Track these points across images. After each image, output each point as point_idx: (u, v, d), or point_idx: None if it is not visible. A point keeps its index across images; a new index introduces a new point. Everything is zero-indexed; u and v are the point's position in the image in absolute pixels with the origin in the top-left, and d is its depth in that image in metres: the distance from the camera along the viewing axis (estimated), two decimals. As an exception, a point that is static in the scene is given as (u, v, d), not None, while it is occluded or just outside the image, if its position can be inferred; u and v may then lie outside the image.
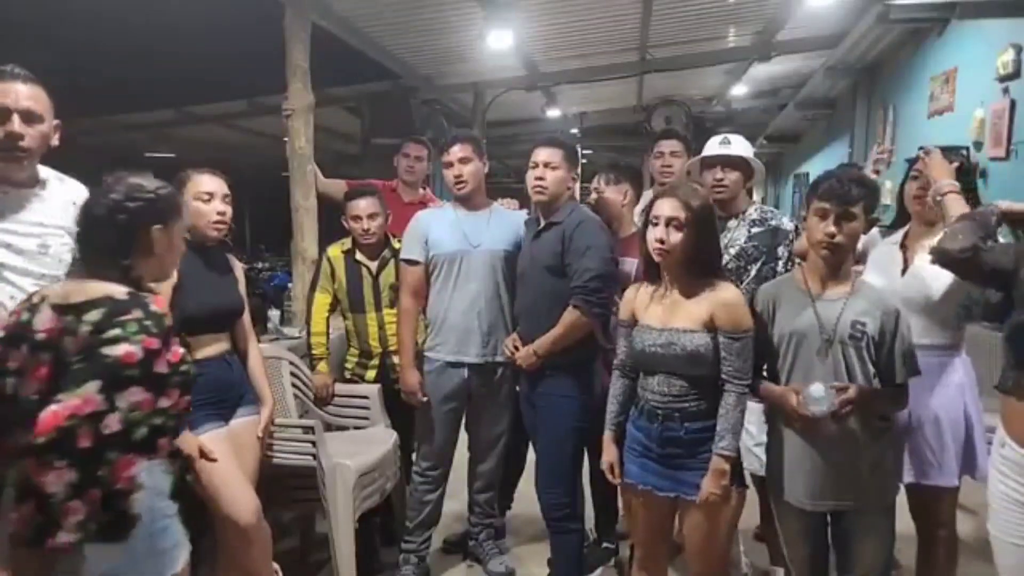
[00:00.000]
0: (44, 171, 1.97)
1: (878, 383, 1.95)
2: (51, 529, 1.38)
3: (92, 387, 1.39)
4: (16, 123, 1.79)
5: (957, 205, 1.94)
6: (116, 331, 1.43)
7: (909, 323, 1.95)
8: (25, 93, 1.82)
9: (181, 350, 1.55)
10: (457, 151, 2.72)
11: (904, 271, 2.28)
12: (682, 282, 2.03)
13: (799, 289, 2.03)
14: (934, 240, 2.20)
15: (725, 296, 1.99)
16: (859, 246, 2.13)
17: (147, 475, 1.48)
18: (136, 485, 1.45)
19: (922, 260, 2.20)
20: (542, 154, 2.58)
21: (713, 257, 2.07)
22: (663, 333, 2.00)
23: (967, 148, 2.50)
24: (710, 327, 1.96)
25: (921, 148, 2.20)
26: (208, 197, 2.28)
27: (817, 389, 1.87)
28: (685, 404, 1.99)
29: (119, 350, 1.42)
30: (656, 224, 2.00)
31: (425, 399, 2.77)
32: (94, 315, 1.45)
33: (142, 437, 1.44)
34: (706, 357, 1.96)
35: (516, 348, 2.59)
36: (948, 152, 2.26)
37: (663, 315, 2.03)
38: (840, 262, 1.98)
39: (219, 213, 2.29)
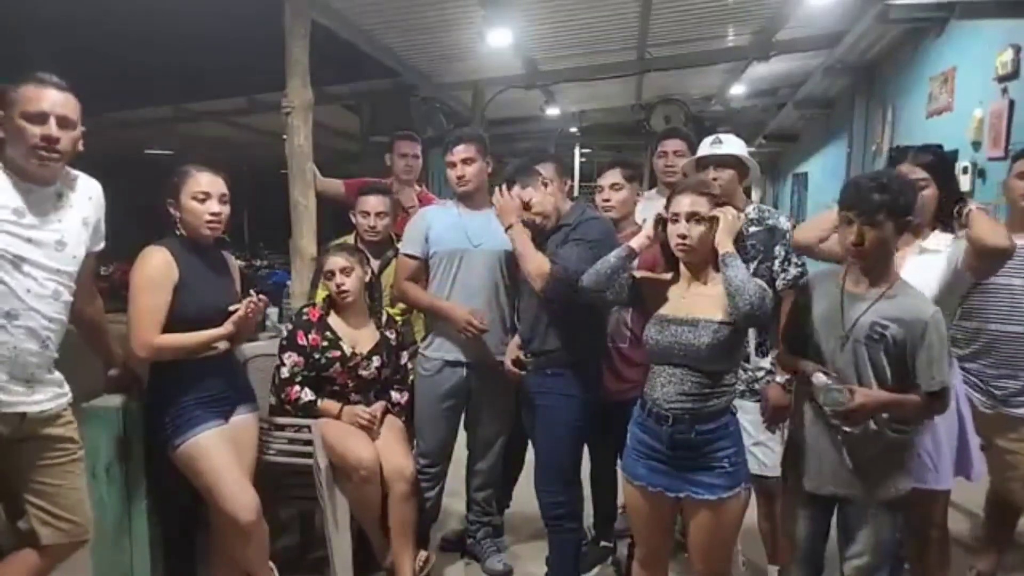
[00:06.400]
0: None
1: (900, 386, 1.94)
2: None
3: None
4: (53, 127, 1.85)
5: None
6: None
7: (943, 333, 1.90)
8: (61, 100, 1.88)
9: None
10: (461, 151, 2.71)
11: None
12: (703, 275, 2.04)
13: (836, 284, 2.05)
14: (926, 241, 2.21)
15: None
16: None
17: None
18: None
19: (915, 260, 2.21)
20: (541, 170, 2.53)
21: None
22: (690, 325, 1.97)
23: (941, 145, 2.47)
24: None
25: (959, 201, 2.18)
26: (204, 197, 2.26)
27: (818, 379, 1.94)
28: (697, 404, 1.97)
29: None
30: (676, 221, 1.99)
31: (483, 323, 2.66)
32: None
33: None
34: (726, 350, 1.97)
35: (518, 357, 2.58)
36: (920, 152, 2.27)
37: (686, 307, 2.02)
38: (875, 265, 1.97)
39: (212, 214, 2.27)
